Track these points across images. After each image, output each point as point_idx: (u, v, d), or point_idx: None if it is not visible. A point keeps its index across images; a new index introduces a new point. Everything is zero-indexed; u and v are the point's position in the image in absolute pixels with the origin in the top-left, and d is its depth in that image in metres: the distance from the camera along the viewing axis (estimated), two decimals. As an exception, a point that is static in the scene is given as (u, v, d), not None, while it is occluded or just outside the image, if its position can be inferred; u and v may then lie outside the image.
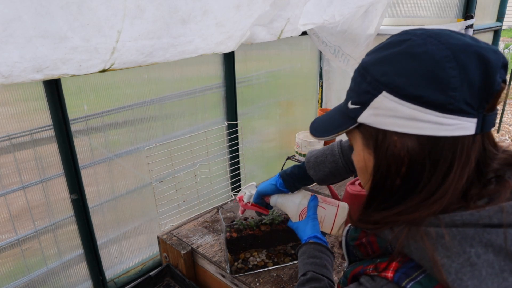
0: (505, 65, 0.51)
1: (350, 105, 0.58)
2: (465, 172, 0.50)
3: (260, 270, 1.28)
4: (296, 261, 1.31)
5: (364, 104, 0.55)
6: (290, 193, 1.06)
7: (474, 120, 0.49)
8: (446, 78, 0.48)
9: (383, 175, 0.55)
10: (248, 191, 1.12)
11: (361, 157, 0.59)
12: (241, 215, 1.19)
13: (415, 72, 0.50)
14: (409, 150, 0.52)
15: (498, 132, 5.11)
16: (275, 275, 1.26)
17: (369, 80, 0.54)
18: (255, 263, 1.27)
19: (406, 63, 0.51)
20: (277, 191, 1.05)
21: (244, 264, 1.26)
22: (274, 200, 1.06)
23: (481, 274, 0.45)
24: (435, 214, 0.50)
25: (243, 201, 1.12)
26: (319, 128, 0.68)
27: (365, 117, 0.55)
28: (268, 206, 1.12)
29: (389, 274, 0.52)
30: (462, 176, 0.50)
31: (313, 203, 1.01)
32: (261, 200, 1.09)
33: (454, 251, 0.46)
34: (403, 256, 0.52)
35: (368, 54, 0.58)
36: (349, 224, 0.66)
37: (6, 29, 0.82)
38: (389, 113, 0.52)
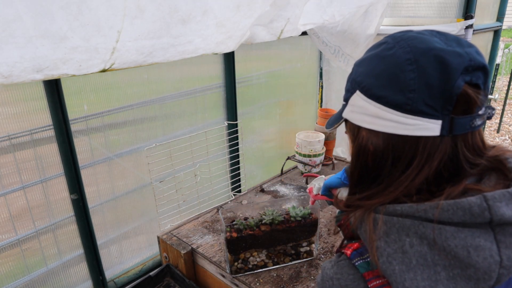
0: (478, 68, 0.51)
1: (343, 102, 0.64)
2: (424, 171, 0.53)
3: (260, 270, 1.28)
4: (296, 261, 1.31)
5: (346, 101, 0.61)
6: None
7: (438, 122, 0.51)
8: (404, 80, 0.52)
9: (354, 165, 0.62)
10: (318, 183, 1.21)
11: (350, 147, 0.65)
12: (311, 205, 1.27)
13: (381, 73, 0.54)
14: (373, 145, 0.57)
15: (498, 132, 5.11)
16: (275, 275, 1.26)
17: (351, 79, 0.60)
18: (255, 263, 1.27)
19: (376, 65, 0.55)
20: (342, 184, 1.10)
21: (244, 264, 1.26)
22: (341, 192, 1.11)
23: (411, 262, 0.49)
24: (384, 202, 0.54)
25: (313, 193, 1.21)
26: (329, 121, 0.73)
27: (346, 113, 0.62)
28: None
29: (348, 252, 0.59)
30: (419, 174, 0.53)
31: None
32: (329, 192, 1.16)
33: (391, 238, 0.51)
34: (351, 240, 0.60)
35: (371, 48, 0.62)
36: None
37: (6, 29, 0.82)
38: (360, 110, 0.57)
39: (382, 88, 0.54)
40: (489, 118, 0.55)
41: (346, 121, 0.64)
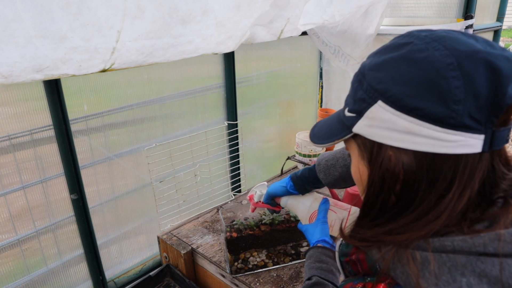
0: None
1: (347, 113, 0.53)
2: (465, 194, 0.45)
3: (260, 270, 1.28)
4: (296, 261, 1.31)
5: (359, 113, 0.50)
6: (301, 195, 1.04)
7: (481, 137, 0.44)
8: (448, 88, 0.43)
9: (376, 191, 0.51)
10: (259, 190, 1.12)
11: (357, 168, 0.55)
12: (251, 213, 1.19)
13: (414, 80, 0.45)
14: (404, 167, 0.47)
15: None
16: (275, 275, 1.26)
17: (366, 87, 0.49)
18: (255, 263, 1.27)
19: (405, 70, 0.46)
20: (287, 193, 1.04)
21: (244, 264, 1.26)
22: (285, 201, 1.05)
23: None
24: (425, 237, 0.45)
25: (254, 200, 1.12)
26: (318, 134, 0.63)
27: (360, 127, 0.51)
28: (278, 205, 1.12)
29: None
30: (461, 198, 0.45)
31: (324, 206, 0.98)
32: (272, 201, 1.09)
33: (443, 279, 0.42)
34: (392, 278, 0.48)
35: (368, 57, 0.53)
36: (341, 238, 0.61)
37: (6, 29, 0.82)
38: (384, 124, 0.47)
39: (418, 98, 0.44)
40: None
41: (353, 137, 0.54)
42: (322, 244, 0.90)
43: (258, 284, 1.23)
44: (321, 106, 2.73)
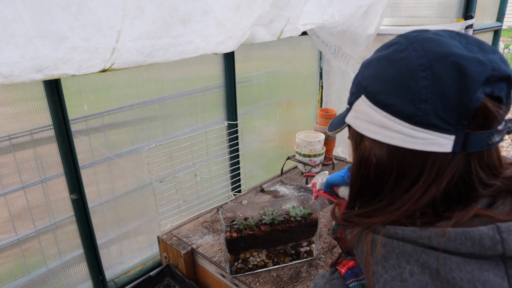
0: (501, 78, 0.45)
1: (347, 105, 0.59)
2: (430, 191, 0.47)
3: (260, 270, 1.28)
4: (296, 261, 1.31)
5: (350, 105, 0.56)
6: None
7: (451, 137, 0.46)
8: (416, 88, 0.46)
9: (355, 176, 0.56)
10: (321, 178, 1.18)
11: (351, 155, 0.60)
12: (314, 200, 1.25)
13: (389, 78, 0.48)
14: (376, 157, 0.51)
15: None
16: (275, 275, 1.26)
17: (357, 82, 0.54)
18: (255, 263, 1.27)
19: (384, 68, 0.50)
20: (344, 182, 1.08)
21: (244, 264, 1.26)
22: (342, 190, 1.10)
23: None
24: (384, 223, 0.49)
25: (316, 187, 1.20)
26: (332, 123, 0.68)
27: (349, 119, 0.56)
28: (339, 196, 1.17)
29: (343, 270, 0.55)
30: (425, 194, 0.48)
31: None
32: (331, 189, 1.14)
33: (390, 263, 0.46)
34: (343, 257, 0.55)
35: (374, 53, 0.57)
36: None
37: (6, 29, 0.82)
38: (365, 117, 0.51)
39: (391, 96, 0.48)
40: (509, 132, 0.48)
41: (349, 126, 0.59)
42: None
43: (258, 284, 1.23)
44: (321, 106, 2.73)
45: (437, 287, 0.43)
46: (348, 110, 0.59)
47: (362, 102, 0.51)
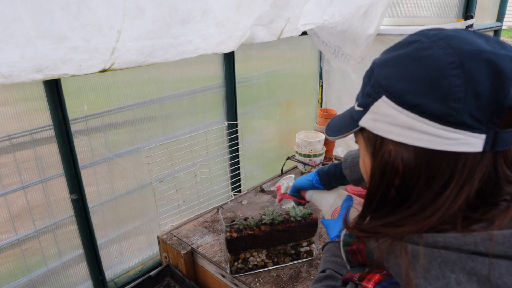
0: None
1: (356, 107, 0.56)
2: (463, 193, 0.45)
3: (260, 270, 1.28)
4: (296, 261, 1.31)
5: (365, 107, 0.52)
6: (326, 190, 1.06)
7: (482, 137, 0.44)
8: (448, 87, 0.44)
9: (377, 183, 0.53)
10: (286, 182, 1.16)
11: (363, 161, 0.57)
12: (277, 204, 1.23)
13: (416, 77, 0.46)
14: (403, 161, 0.48)
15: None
16: (275, 275, 1.26)
17: (373, 82, 0.51)
18: (255, 263, 1.27)
19: (409, 67, 0.47)
20: (312, 187, 1.05)
21: (244, 264, 1.26)
22: (310, 195, 1.08)
23: None
24: (419, 231, 0.46)
25: (281, 191, 1.17)
26: (331, 127, 0.65)
27: (365, 121, 0.53)
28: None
29: (370, 286, 0.51)
30: (458, 196, 0.46)
31: (347, 204, 0.99)
32: (297, 193, 1.11)
33: (432, 274, 0.44)
34: (386, 271, 0.50)
35: (381, 54, 0.55)
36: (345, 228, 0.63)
37: (6, 29, 0.82)
38: (387, 119, 0.49)
39: (419, 95, 0.45)
40: None
41: (361, 130, 0.56)
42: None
43: (258, 284, 1.23)
44: (321, 106, 2.73)
45: None
46: (357, 112, 0.56)
47: (383, 103, 0.49)
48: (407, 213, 0.49)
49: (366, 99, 0.52)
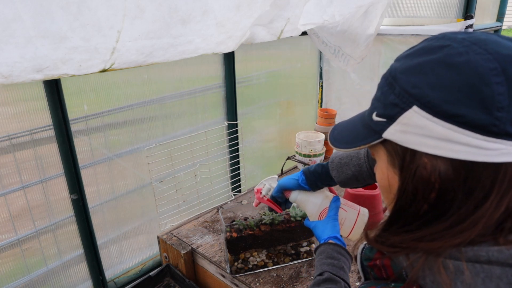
0: None
1: (375, 117, 0.51)
2: (503, 204, 0.43)
3: (260, 270, 1.28)
4: (296, 261, 1.31)
5: (391, 118, 0.48)
6: (311, 191, 1.03)
7: None
8: (491, 95, 0.41)
9: (409, 199, 0.49)
10: (268, 183, 1.09)
11: (385, 175, 0.54)
12: (255, 207, 1.16)
13: (454, 85, 0.43)
14: (440, 175, 0.45)
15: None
16: (275, 275, 1.26)
17: (398, 91, 0.47)
18: (255, 263, 1.27)
19: (443, 75, 0.44)
20: (298, 187, 1.02)
21: (244, 264, 1.26)
22: (295, 196, 1.03)
23: None
24: (459, 245, 0.44)
25: (261, 193, 1.09)
26: (340, 138, 0.61)
27: (392, 133, 0.48)
28: (282, 205, 1.10)
29: None
30: (498, 207, 0.43)
31: (335, 204, 0.98)
32: (281, 194, 1.06)
33: (467, 282, 0.42)
34: (418, 286, 0.47)
35: (398, 59, 0.51)
36: (364, 242, 0.59)
37: (6, 29, 0.82)
38: (420, 131, 0.45)
39: (458, 105, 0.42)
40: None
41: (383, 141, 0.52)
42: (334, 241, 0.90)
43: (258, 284, 1.23)
44: (321, 106, 2.73)
45: None
46: (363, 122, 0.54)
47: (415, 114, 0.45)
48: (443, 226, 0.46)
49: (391, 109, 0.48)
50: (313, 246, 1.31)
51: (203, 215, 1.65)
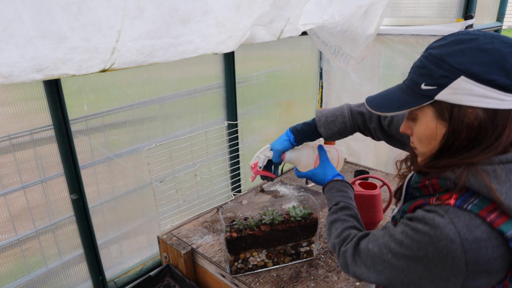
0: None
1: (424, 86, 0.72)
2: None
3: (260, 270, 1.28)
4: (296, 261, 1.31)
5: (441, 86, 0.70)
6: (298, 147, 1.19)
7: None
8: (510, 67, 0.66)
9: (455, 138, 0.72)
10: (263, 155, 1.19)
11: (431, 127, 0.74)
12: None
13: (488, 63, 0.67)
14: (479, 120, 0.68)
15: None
16: (275, 275, 1.26)
17: (446, 67, 0.69)
18: (255, 263, 1.27)
19: (479, 56, 0.67)
20: (290, 146, 1.18)
21: (244, 264, 1.26)
22: (289, 156, 1.18)
23: None
24: (489, 157, 0.68)
25: (258, 166, 1.20)
26: (382, 106, 0.80)
27: (443, 96, 0.70)
28: (274, 171, 1.24)
29: (452, 201, 0.69)
30: (510, 135, 0.68)
31: (324, 150, 1.19)
32: (278, 159, 1.20)
33: (502, 180, 0.66)
34: (460, 190, 0.70)
35: (434, 48, 0.73)
36: (412, 172, 0.83)
37: (6, 29, 0.82)
38: (466, 92, 0.68)
39: (491, 74, 0.66)
40: None
41: (432, 103, 0.74)
42: (340, 178, 1.11)
43: (258, 284, 1.23)
44: (321, 106, 2.73)
45: None
46: (407, 91, 0.76)
47: (462, 81, 0.68)
48: (478, 150, 0.69)
49: (442, 80, 0.70)
50: (313, 246, 1.31)
51: (203, 215, 1.65)
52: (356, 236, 0.90)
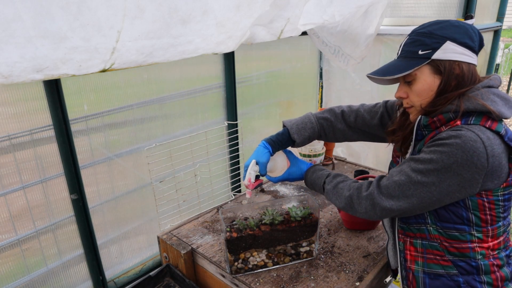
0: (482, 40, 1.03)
1: (421, 52, 0.99)
2: (477, 75, 1.02)
3: (260, 270, 1.28)
4: (296, 261, 1.31)
5: (434, 49, 0.98)
6: (271, 156, 1.33)
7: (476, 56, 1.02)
8: (473, 35, 0.99)
9: (447, 85, 0.99)
10: (253, 170, 1.29)
11: (428, 82, 1.01)
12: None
13: (461, 32, 0.98)
14: (463, 69, 0.98)
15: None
16: (275, 275, 1.26)
17: (436, 37, 0.99)
18: (255, 263, 1.27)
19: (455, 29, 0.99)
20: (270, 156, 1.32)
21: (244, 264, 1.26)
22: (269, 166, 1.33)
23: (498, 104, 0.96)
24: (475, 87, 0.98)
25: (252, 182, 1.29)
26: (390, 72, 1.03)
27: (438, 55, 0.98)
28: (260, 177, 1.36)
29: (458, 122, 0.96)
30: (476, 73, 1.02)
31: (289, 151, 1.39)
32: (263, 173, 1.31)
33: (486, 97, 0.96)
34: (466, 111, 0.96)
35: (422, 28, 1.02)
36: (419, 115, 1.04)
37: (6, 29, 0.82)
38: (452, 51, 0.97)
39: (464, 39, 0.98)
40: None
41: (428, 63, 1.01)
42: (314, 165, 1.31)
43: (258, 284, 1.23)
44: (321, 106, 2.73)
45: (507, 101, 1.00)
46: (405, 58, 1.03)
47: (449, 44, 0.97)
48: (464, 87, 0.99)
49: (435, 45, 0.98)
50: (313, 246, 1.31)
51: (203, 215, 1.65)
52: (373, 180, 1.08)
